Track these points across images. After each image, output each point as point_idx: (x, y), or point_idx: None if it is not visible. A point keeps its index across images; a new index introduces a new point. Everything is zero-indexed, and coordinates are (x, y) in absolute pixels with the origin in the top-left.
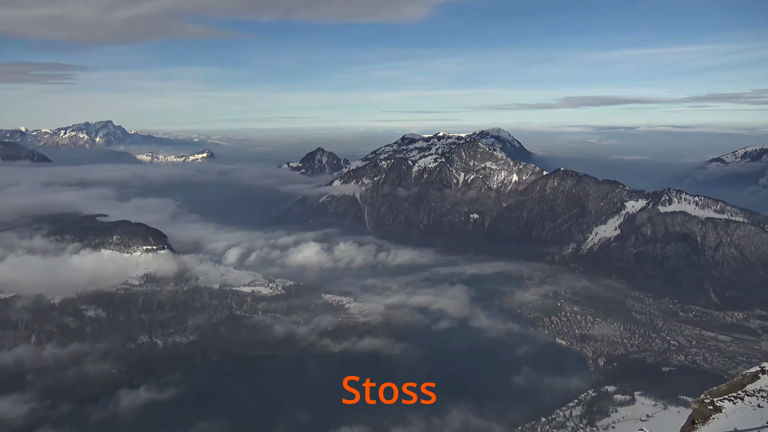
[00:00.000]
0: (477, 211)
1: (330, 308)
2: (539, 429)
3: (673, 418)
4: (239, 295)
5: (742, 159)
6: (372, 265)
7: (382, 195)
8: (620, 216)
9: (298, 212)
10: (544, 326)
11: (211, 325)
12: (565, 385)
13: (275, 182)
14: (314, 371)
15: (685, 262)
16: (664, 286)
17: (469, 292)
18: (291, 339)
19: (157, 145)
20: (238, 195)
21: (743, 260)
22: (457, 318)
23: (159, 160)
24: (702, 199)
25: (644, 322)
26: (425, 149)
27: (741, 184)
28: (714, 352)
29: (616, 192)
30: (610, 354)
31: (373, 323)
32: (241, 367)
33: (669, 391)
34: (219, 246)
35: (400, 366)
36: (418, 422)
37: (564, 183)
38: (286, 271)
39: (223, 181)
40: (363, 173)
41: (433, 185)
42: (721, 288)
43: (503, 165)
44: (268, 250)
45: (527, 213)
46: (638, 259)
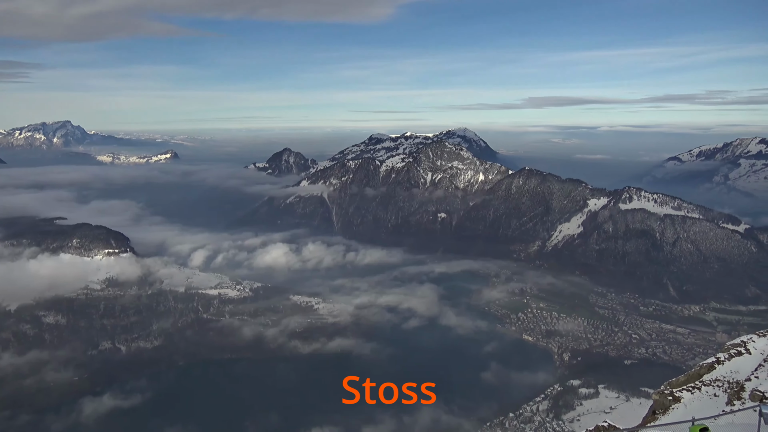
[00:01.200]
0: (444, 211)
1: (299, 309)
2: (507, 424)
3: (635, 409)
4: (205, 298)
5: (697, 158)
6: (341, 265)
7: (350, 195)
8: (583, 214)
9: (265, 213)
10: (511, 323)
11: (177, 329)
12: (532, 380)
13: (241, 183)
14: (284, 373)
15: (645, 257)
16: (625, 281)
17: (438, 290)
18: (259, 341)
19: (118, 146)
20: (204, 196)
21: (699, 255)
22: (427, 316)
23: (120, 161)
24: (660, 197)
25: (607, 316)
26: (393, 149)
27: (696, 182)
28: (673, 345)
29: (579, 190)
30: (574, 349)
31: (343, 323)
32: (208, 370)
33: (631, 383)
34: (184, 248)
35: (371, 366)
36: (389, 421)
37: (529, 182)
38: (253, 273)
39: (187, 182)
40: (330, 173)
41: (400, 185)
42: (679, 282)
43: (470, 164)
44: (235, 252)
45: (493, 212)
46: (601, 256)
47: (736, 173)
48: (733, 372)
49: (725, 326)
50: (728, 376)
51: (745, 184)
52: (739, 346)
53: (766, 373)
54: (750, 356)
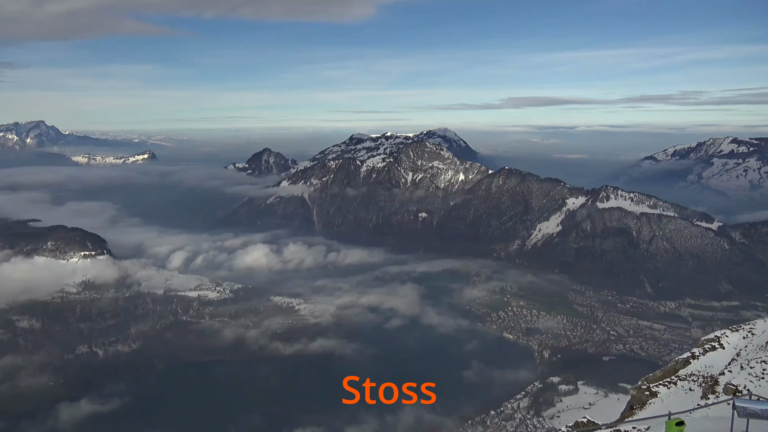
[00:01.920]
0: (425, 210)
1: (280, 310)
2: (489, 422)
3: (614, 404)
4: (185, 300)
5: (672, 157)
6: (322, 265)
7: (330, 195)
8: (562, 213)
9: (245, 214)
10: (492, 321)
11: (156, 331)
12: (513, 377)
13: (221, 183)
14: (265, 375)
15: (622, 255)
16: (603, 278)
17: (420, 290)
18: (240, 343)
19: (94, 146)
20: (182, 197)
21: (674, 252)
22: (408, 316)
23: (96, 162)
24: (637, 196)
25: (585, 314)
26: (373, 149)
27: (671, 181)
28: (650, 341)
29: (558, 189)
30: (554, 346)
31: (325, 324)
32: (188, 373)
33: (609, 379)
34: (162, 250)
35: (354, 366)
36: (371, 421)
37: (508, 181)
38: (233, 274)
39: (165, 182)
40: (311, 173)
41: (381, 185)
42: (655, 279)
43: (450, 164)
44: (215, 253)
45: (474, 211)
46: (579, 254)
47: (709, 172)
48: (708, 366)
49: (700, 322)
50: (703, 370)
51: (718, 183)
52: (713, 341)
53: (739, 367)
54: (724, 351)
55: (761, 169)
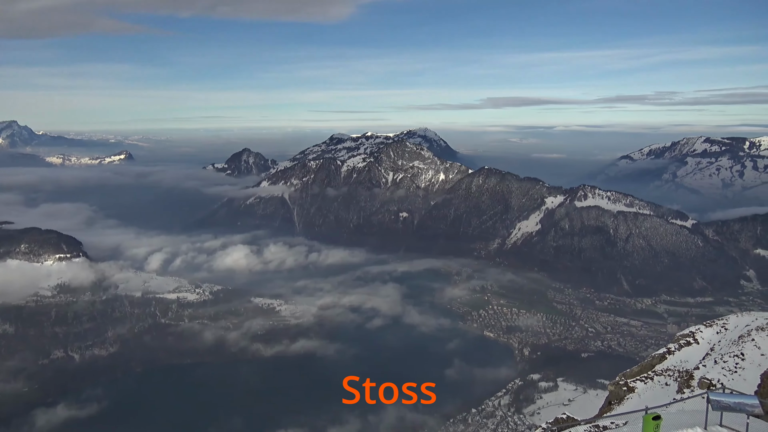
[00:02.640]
0: (406, 210)
1: (260, 312)
2: (470, 420)
3: (593, 400)
4: (163, 302)
5: (648, 156)
6: (303, 266)
7: (311, 195)
8: (541, 211)
9: (224, 214)
10: (472, 320)
11: (134, 334)
12: (494, 375)
13: (200, 184)
14: (246, 376)
15: (600, 253)
16: (581, 276)
17: (401, 289)
18: (221, 345)
19: (68, 147)
20: (160, 198)
21: (650, 250)
22: (390, 316)
23: (71, 163)
24: (613, 194)
25: (564, 311)
26: (354, 149)
27: (647, 179)
28: (627, 337)
29: (537, 189)
30: (534, 343)
31: (306, 325)
32: (168, 376)
33: (588, 375)
34: (140, 252)
35: (336, 366)
36: (354, 421)
37: (488, 181)
38: (213, 276)
39: (143, 183)
40: (291, 174)
41: (362, 185)
42: (632, 276)
43: (430, 164)
44: (194, 255)
45: (454, 210)
46: (558, 252)
47: (683, 171)
48: (683, 361)
49: (675, 318)
50: (678, 365)
51: (692, 182)
52: (688, 336)
53: (713, 361)
54: (698, 346)
55: (733, 168)
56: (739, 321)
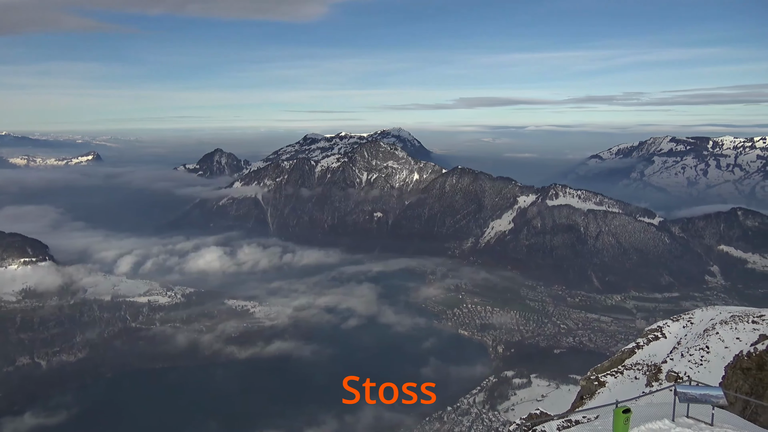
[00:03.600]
0: (380, 210)
1: (234, 314)
2: (446, 418)
3: (565, 395)
4: (134, 305)
5: (616, 155)
6: (277, 267)
7: (285, 196)
8: (513, 210)
9: (196, 216)
10: (447, 318)
11: (103, 339)
12: (470, 373)
13: (171, 185)
14: (221, 379)
15: (571, 251)
16: (553, 274)
17: (376, 289)
18: (194, 348)
19: (33, 147)
20: (130, 199)
21: (619, 247)
22: (366, 316)
23: (37, 164)
24: (584, 193)
25: (537, 308)
26: (328, 149)
27: (616, 178)
28: (597, 333)
29: (509, 188)
30: (508, 341)
31: (281, 326)
32: (140, 381)
33: (560, 371)
34: (109, 255)
35: (312, 367)
36: (331, 422)
37: (462, 180)
38: (185, 278)
39: (112, 184)
40: (265, 174)
41: (336, 185)
42: (602, 273)
43: (404, 164)
44: (166, 257)
45: (428, 210)
46: (530, 250)
47: (650, 170)
48: (651, 355)
49: (644, 313)
50: (647, 359)
51: (659, 180)
52: (656, 331)
53: (680, 354)
54: (666, 340)
55: (697, 167)
56: (704, 315)
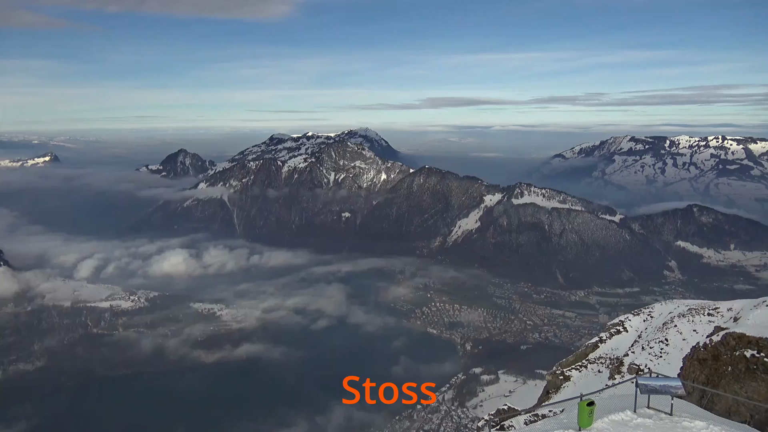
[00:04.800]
0: (349, 210)
1: (201, 317)
2: (415, 416)
3: (532, 390)
4: (96, 311)
5: (579, 155)
6: (245, 269)
7: (251, 197)
8: (480, 209)
9: (160, 218)
10: (416, 317)
11: (64, 347)
12: (439, 371)
13: (133, 187)
14: (188, 385)
15: (536, 248)
16: (519, 271)
17: (346, 289)
18: (159, 353)
19: None
20: (90, 202)
21: (582, 244)
22: (336, 316)
23: None
24: (548, 191)
25: (504, 306)
26: (294, 149)
27: (578, 177)
28: (562, 328)
29: (476, 187)
30: (476, 338)
31: (249, 329)
32: (103, 389)
33: (527, 366)
34: (69, 259)
35: (281, 370)
36: (301, 423)
37: (429, 180)
38: (149, 282)
39: (70, 187)
40: (230, 175)
41: (303, 185)
42: (566, 270)
43: (372, 164)
44: (128, 260)
45: (396, 210)
46: (497, 248)
47: (611, 168)
48: (614, 349)
49: (606, 308)
50: (610, 353)
51: (619, 178)
52: (618, 325)
53: (640, 347)
54: (627, 334)
55: (655, 165)
56: (663, 309)
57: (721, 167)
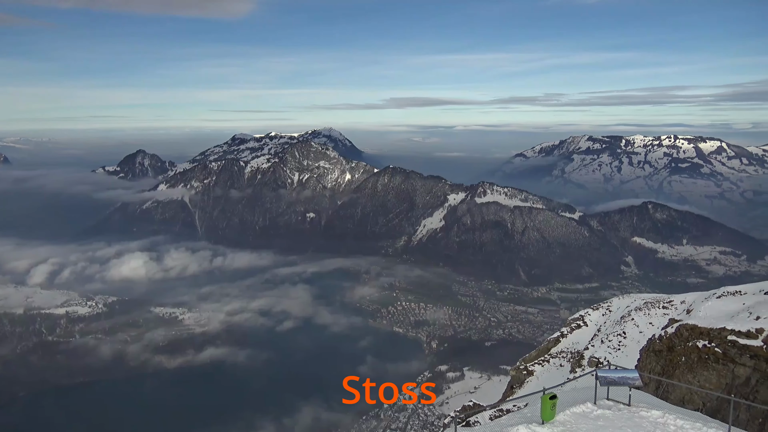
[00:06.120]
0: (313, 210)
1: (162, 322)
2: (382, 415)
3: (496, 386)
4: (51, 318)
5: (539, 154)
6: (208, 271)
7: (213, 198)
8: (444, 208)
9: (118, 220)
10: (382, 317)
11: (16, 356)
12: (405, 369)
13: (89, 188)
14: (150, 391)
15: (499, 246)
16: (483, 269)
17: (311, 290)
18: (120, 360)
19: None
20: (44, 205)
21: (544, 241)
22: (301, 317)
23: None
24: (510, 190)
25: (469, 303)
26: (257, 149)
27: (539, 176)
28: (525, 324)
29: (440, 186)
30: (441, 336)
31: (213, 332)
32: (61, 398)
33: (492, 363)
34: (21, 264)
35: (247, 373)
36: (269, 426)
37: (393, 179)
38: (107, 287)
39: (22, 189)
40: (192, 176)
41: (267, 186)
42: (528, 267)
43: (336, 164)
44: (85, 265)
45: (361, 209)
46: (461, 247)
47: (570, 167)
48: (575, 343)
49: (567, 303)
50: (571, 347)
51: (578, 177)
52: (578, 320)
53: (600, 341)
54: (587, 328)
55: (612, 164)
56: (621, 303)
57: (673, 165)
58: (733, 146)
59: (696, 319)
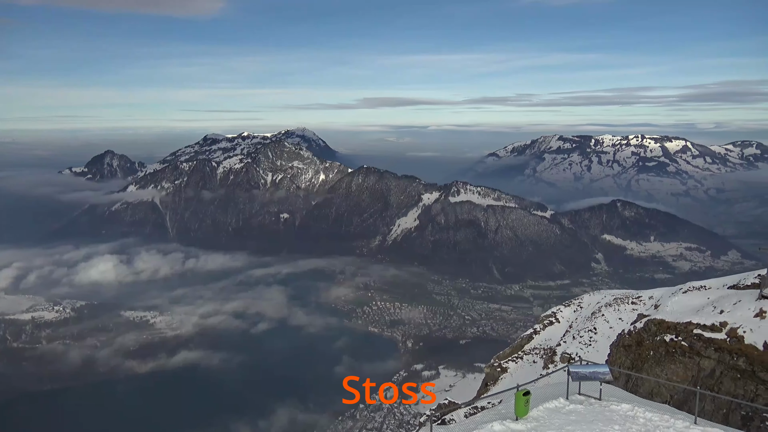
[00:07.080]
0: (287, 211)
1: (133, 326)
2: (358, 415)
3: (471, 384)
4: (16, 324)
5: (511, 153)
6: (180, 273)
7: (185, 199)
8: (418, 208)
9: (86, 223)
10: (358, 317)
11: None
12: (381, 369)
13: (55, 190)
14: (121, 397)
15: (473, 245)
16: (457, 268)
17: (286, 291)
18: (89, 365)
19: None
20: (7, 207)
21: (516, 240)
22: (276, 319)
23: None
24: (483, 189)
25: (443, 302)
26: (230, 150)
27: (511, 175)
28: (499, 322)
29: (414, 186)
30: (416, 335)
31: (186, 335)
32: (27, 406)
33: (466, 360)
34: None
35: (221, 376)
36: (244, 429)
37: (368, 179)
38: (75, 291)
39: None
40: (162, 177)
41: (240, 186)
42: (502, 265)
43: (310, 164)
44: (51, 269)
45: (335, 210)
46: (435, 246)
47: (542, 166)
48: (547, 340)
49: (540, 300)
50: (543, 343)
51: (549, 176)
52: (550, 317)
53: (571, 337)
54: (559, 324)
55: (582, 163)
56: (591, 299)
57: (641, 164)
58: (697, 145)
59: (663, 313)
